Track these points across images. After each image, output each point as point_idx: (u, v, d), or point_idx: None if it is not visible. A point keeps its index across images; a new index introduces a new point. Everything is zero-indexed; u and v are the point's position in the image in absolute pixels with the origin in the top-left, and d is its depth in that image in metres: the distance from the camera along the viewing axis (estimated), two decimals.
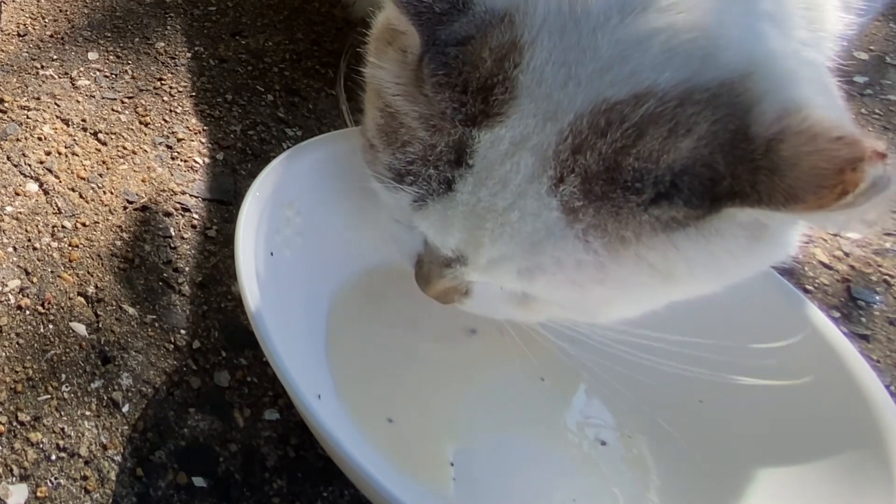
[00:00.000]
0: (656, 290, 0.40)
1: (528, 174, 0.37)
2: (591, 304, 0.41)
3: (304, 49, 0.79)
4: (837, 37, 0.42)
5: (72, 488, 0.48)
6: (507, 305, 0.44)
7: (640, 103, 0.35)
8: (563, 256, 0.38)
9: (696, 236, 0.37)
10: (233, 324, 0.57)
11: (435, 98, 0.39)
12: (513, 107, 0.37)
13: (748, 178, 0.34)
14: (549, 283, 0.39)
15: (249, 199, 0.49)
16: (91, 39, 0.78)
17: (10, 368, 0.53)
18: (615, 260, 0.38)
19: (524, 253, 0.38)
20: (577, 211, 0.37)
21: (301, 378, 0.42)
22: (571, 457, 0.49)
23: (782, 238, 0.39)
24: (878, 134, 0.76)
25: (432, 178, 0.40)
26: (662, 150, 0.35)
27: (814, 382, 0.48)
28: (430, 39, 0.39)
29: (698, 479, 0.48)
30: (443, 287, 0.44)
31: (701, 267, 0.38)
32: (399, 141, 0.41)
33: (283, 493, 0.48)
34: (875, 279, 0.63)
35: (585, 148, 0.36)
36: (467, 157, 0.38)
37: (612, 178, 0.36)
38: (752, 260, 0.39)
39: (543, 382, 0.52)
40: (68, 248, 0.60)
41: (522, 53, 0.37)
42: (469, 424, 0.50)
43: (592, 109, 0.36)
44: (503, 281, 0.41)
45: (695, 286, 0.41)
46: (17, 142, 0.68)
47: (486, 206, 0.38)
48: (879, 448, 0.44)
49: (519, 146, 0.37)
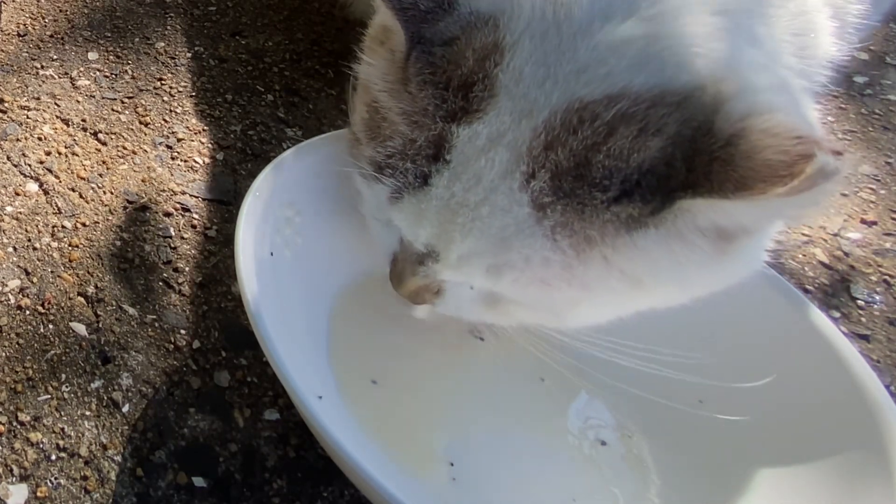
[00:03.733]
0: (624, 295, 0.40)
1: (501, 170, 0.38)
2: (559, 305, 0.41)
3: (304, 49, 0.79)
4: (829, 61, 0.42)
5: (72, 488, 0.48)
6: (477, 307, 0.44)
7: (612, 103, 0.36)
8: (531, 254, 0.38)
9: (657, 237, 0.37)
10: (233, 324, 0.57)
11: (419, 95, 0.40)
12: (491, 104, 0.38)
13: (703, 169, 0.35)
14: (518, 280, 0.40)
15: (249, 199, 0.49)
16: (91, 39, 0.78)
17: (10, 368, 0.53)
18: (582, 260, 0.38)
19: (493, 249, 0.39)
20: (546, 207, 0.37)
21: (301, 378, 0.43)
22: (571, 457, 0.49)
23: (747, 253, 0.40)
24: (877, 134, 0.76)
25: (409, 172, 0.40)
26: (633, 148, 0.36)
27: (814, 382, 0.48)
28: (416, 37, 0.40)
29: (698, 479, 0.48)
30: (415, 285, 0.44)
31: (666, 274, 0.39)
32: (381, 135, 0.42)
33: (283, 493, 0.48)
34: (875, 279, 0.63)
35: (557, 144, 0.37)
36: (445, 152, 0.39)
37: (581, 174, 0.37)
38: (718, 272, 0.40)
39: (543, 382, 0.52)
40: (68, 248, 0.60)
41: (504, 54, 0.38)
42: (470, 424, 0.50)
43: (567, 107, 0.37)
44: (473, 278, 0.41)
45: (662, 295, 0.41)
46: (17, 142, 0.68)
47: (459, 200, 0.39)
48: (879, 448, 0.44)
49: (495, 142, 0.38)
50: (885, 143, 0.75)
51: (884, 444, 0.43)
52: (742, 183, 0.33)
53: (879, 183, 0.71)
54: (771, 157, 0.32)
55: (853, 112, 0.78)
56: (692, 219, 0.37)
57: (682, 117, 0.36)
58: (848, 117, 0.77)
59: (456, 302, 0.45)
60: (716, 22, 0.38)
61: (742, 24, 0.39)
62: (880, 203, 0.69)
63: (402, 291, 0.45)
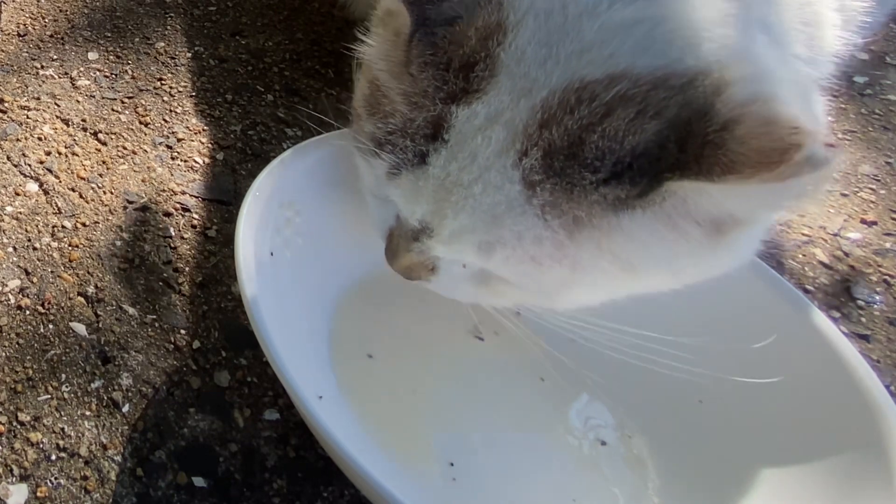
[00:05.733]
0: (616, 279, 0.40)
1: (497, 148, 0.38)
2: (550, 285, 0.41)
3: (304, 49, 0.79)
4: (834, 55, 0.42)
5: (72, 488, 0.48)
6: (470, 285, 0.44)
7: (613, 84, 0.36)
8: (522, 231, 0.38)
9: (644, 220, 0.37)
10: (233, 324, 0.57)
11: (419, 76, 0.40)
12: (492, 84, 0.38)
13: (695, 152, 0.34)
14: (509, 258, 0.40)
15: (249, 199, 0.49)
16: (91, 39, 0.78)
17: (10, 368, 0.53)
18: (572, 240, 0.38)
19: (485, 226, 0.39)
20: (536, 185, 0.37)
21: (301, 378, 0.43)
22: (571, 457, 0.49)
23: (740, 244, 0.40)
24: (877, 134, 0.76)
25: (408, 150, 0.41)
26: (629, 130, 0.36)
27: (813, 382, 0.48)
28: (420, 19, 0.40)
29: (698, 479, 0.48)
30: (409, 261, 0.44)
31: (657, 260, 0.39)
32: (381, 112, 0.42)
33: (283, 493, 0.48)
34: (875, 279, 0.63)
35: (553, 123, 0.37)
36: (444, 132, 0.39)
37: (574, 153, 0.36)
38: (710, 262, 0.40)
39: (543, 382, 0.52)
40: (68, 248, 0.60)
41: (507, 33, 0.38)
42: (470, 424, 0.50)
43: (566, 87, 0.37)
44: (465, 255, 0.41)
45: (654, 279, 0.41)
46: (17, 142, 0.68)
47: (454, 179, 0.39)
48: (879, 448, 0.44)
49: (493, 121, 0.38)
50: (885, 143, 0.75)
51: (884, 444, 0.43)
52: (729, 167, 0.33)
53: (879, 183, 0.71)
54: (763, 143, 0.32)
55: (853, 112, 0.78)
56: (681, 204, 0.36)
57: (683, 101, 0.35)
58: (848, 117, 0.77)
59: (449, 280, 0.45)
60: (726, 7, 0.38)
61: (752, 10, 0.38)
62: (880, 203, 0.69)
63: (397, 267, 0.45)
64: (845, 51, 0.42)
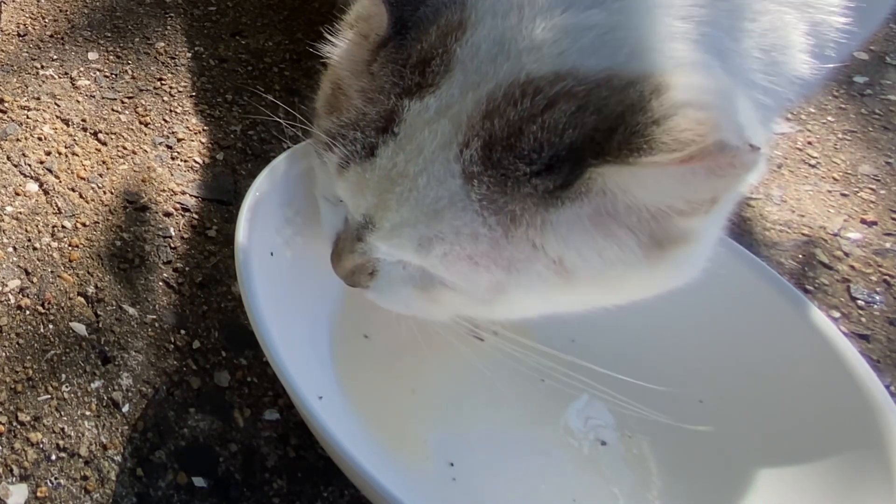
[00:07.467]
0: (553, 286, 0.40)
1: (442, 141, 0.38)
2: (486, 289, 0.41)
3: (304, 49, 0.79)
4: (798, 79, 0.42)
5: (72, 488, 0.48)
6: (409, 290, 0.44)
7: (558, 80, 0.37)
8: (460, 226, 0.39)
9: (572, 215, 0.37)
10: (233, 324, 0.57)
11: (379, 73, 0.41)
12: (445, 78, 0.39)
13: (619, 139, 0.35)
14: (447, 255, 0.40)
15: (249, 199, 0.49)
16: (91, 39, 0.78)
17: (10, 368, 0.53)
18: (508, 238, 0.38)
19: (426, 219, 0.39)
20: (474, 178, 0.38)
21: (301, 378, 0.42)
22: (571, 457, 0.49)
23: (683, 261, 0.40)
24: (877, 134, 0.76)
25: (358, 142, 0.41)
26: (569, 123, 0.36)
27: (814, 382, 0.48)
28: (398, 23, 0.41)
29: (698, 479, 0.48)
30: (352, 263, 0.44)
31: (593, 268, 0.39)
32: (338, 109, 0.43)
33: (283, 493, 0.48)
34: (875, 279, 0.63)
35: (496, 115, 0.37)
36: (394, 125, 0.40)
37: (512, 144, 0.37)
38: (646, 275, 0.40)
39: (543, 383, 0.52)
40: (68, 248, 0.60)
41: (465, 31, 0.39)
42: (470, 424, 0.50)
43: (513, 81, 0.37)
44: (405, 251, 0.41)
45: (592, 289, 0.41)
46: (17, 142, 0.68)
47: (400, 171, 0.39)
48: (879, 448, 0.44)
49: (441, 114, 0.39)
50: (885, 143, 0.75)
51: (884, 444, 0.43)
52: (646, 151, 0.33)
53: (879, 183, 0.71)
54: (686, 135, 0.33)
55: (853, 112, 0.78)
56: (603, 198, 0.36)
57: (622, 98, 0.36)
58: (848, 117, 0.77)
59: (388, 283, 0.45)
60: (679, 26, 0.38)
61: (707, 34, 0.39)
62: (880, 203, 0.69)
63: (339, 271, 0.46)
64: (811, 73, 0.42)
